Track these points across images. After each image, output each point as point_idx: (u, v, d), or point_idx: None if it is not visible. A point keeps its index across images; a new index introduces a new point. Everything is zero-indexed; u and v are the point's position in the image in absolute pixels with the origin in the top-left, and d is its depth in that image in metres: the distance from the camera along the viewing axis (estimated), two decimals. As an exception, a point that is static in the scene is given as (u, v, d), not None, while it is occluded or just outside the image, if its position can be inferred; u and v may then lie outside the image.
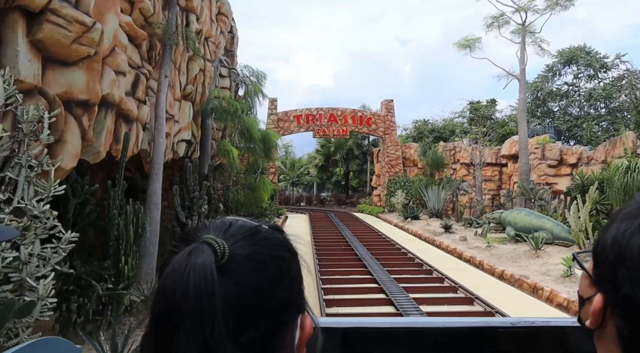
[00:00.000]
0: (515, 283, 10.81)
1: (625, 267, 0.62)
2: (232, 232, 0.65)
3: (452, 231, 19.54)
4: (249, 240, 0.65)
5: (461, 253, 14.83)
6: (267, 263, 0.63)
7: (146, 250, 9.12)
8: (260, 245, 0.65)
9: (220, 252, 0.60)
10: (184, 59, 11.38)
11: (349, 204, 41.98)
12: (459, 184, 23.35)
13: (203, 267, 0.58)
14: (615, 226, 0.66)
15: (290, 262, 0.68)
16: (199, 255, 0.59)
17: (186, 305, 0.56)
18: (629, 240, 0.63)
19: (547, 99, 39.88)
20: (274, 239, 0.68)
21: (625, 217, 0.66)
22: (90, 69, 6.05)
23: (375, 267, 12.63)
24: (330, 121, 32.41)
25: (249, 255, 0.63)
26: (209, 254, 0.60)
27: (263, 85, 15.90)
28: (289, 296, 0.65)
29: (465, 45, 23.04)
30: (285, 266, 0.66)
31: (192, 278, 0.57)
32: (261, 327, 0.61)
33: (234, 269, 0.60)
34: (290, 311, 0.65)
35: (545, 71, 40.90)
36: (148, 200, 9.31)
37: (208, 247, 0.61)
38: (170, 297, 0.58)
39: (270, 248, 0.65)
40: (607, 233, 0.67)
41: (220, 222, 0.68)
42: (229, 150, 12.36)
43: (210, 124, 13.59)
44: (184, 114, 11.85)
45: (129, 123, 8.44)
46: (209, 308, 0.56)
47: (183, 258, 0.60)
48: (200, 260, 0.59)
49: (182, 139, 11.96)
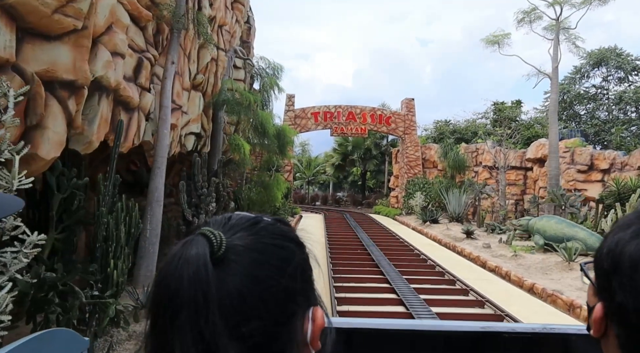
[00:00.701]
0: (548, 298, 9.84)
1: (618, 275, 0.63)
2: (231, 224, 0.65)
3: (474, 237, 18.53)
4: (248, 230, 0.64)
5: (485, 262, 13.85)
6: (267, 253, 0.62)
7: (145, 251, 8.38)
8: (259, 235, 0.64)
9: (216, 243, 0.60)
10: (194, 46, 10.62)
11: (365, 205, 41.02)
12: (482, 188, 22.26)
13: (196, 257, 0.58)
14: (611, 236, 0.68)
15: (293, 252, 0.66)
16: (193, 246, 0.59)
17: (180, 296, 0.56)
18: (622, 249, 0.64)
19: (574, 101, 38.50)
20: (274, 229, 0.67)
21: (620, 227, 0.68)
22: (78, 45, 5.29)
23: (393, 274, 11.75)
24: (348, 119, 31.51)
25: (248, 245, 0.62)
26: (203, 245, 0.59)
27: (280, 78, 15.12)
28: (293, 285, 0.63)
29: (493, 42, 21.89)
30: (287, 255, 0.64)
31: (185, 269, 0.57)
32: (265, 318, 0.59)
33: (233, 260, 0.60)
34: (299, 302, 0.64)
35: (572, 73, 39.53)
36: (150, 197, 8.57)
37: (203, 238, 0.60)
38: (166, 288, 0.58)
39: (271, 238, 0.64)
40: (605, 243, 0.69)
41: (220, 217, 0.68)
42: (240, 145, 11.58)
43: (222, 117, 12.84)
44: (194, 105, 11.10)
45: (130, 111, 7.70)
46: (203, 299, 0.56)
47: (178, 250, 0.60)
48: (194, 251, 0.58)
49: (190, 132, 11.22)
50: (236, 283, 0.58)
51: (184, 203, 10.98)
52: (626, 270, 0.62)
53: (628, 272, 0.62)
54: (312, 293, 0.67)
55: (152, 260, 8.45)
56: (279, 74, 15.10)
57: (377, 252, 15.17)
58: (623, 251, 0.64)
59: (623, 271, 0.63)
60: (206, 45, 11.03)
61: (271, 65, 15.21)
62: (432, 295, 10.07)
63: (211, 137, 13.02)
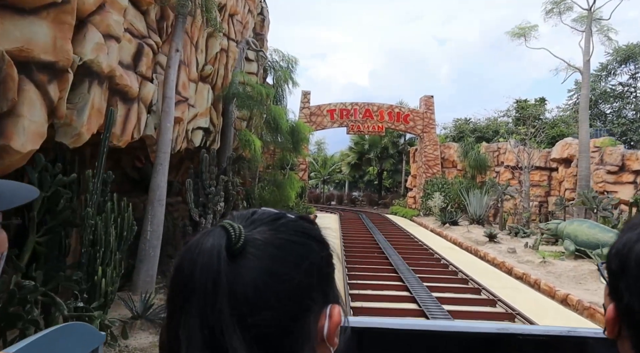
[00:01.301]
0: (585, 311, 8.97)
1: (626, 276, 0.63)
2: (253, 218, 0.66)
3: (497, 241, 17.59)
4: (269, 225, 0.65)
5: (511, 269, 12.96)
6: (284, 248, 0.63)
7: (145, 254, 7.72)
8: (279, 230, 0.65)
9: (235, 236, 0.61)
10: (202, 35, 9.94)
11: (382, 205, 40.13)
12: (504, 188, 21.26)
13: (211, 248, 0.59)
14: (621, 236, 0.68)
15: (312, 249, 0.66)
16: (211, 237, 0.61)
17: (192, 283, 0.58)
18: (629, 250, 0.64)
19: (599, 100, 37.13)
20: (295, 226, 0.67)
21: (630, 227, 0.68)
22: (59, 21, 4.61)
23: (413, 281, 10.95)
24: (365, 117, 30.67)
25: (266, 239, 0.63)
26: (220, 236, 0.61)
27: (294, 71, 14.39)
28: (309, 281, 0.63)
29: (519, 34, 20.82)
30: (304, 252, 0.65)
31: (200, 257, 0.59)
32: (276, 311, 0.60)
33: (250, 253, 0.61)
34: (314, 298, 0.64)
35: (599, 70, 38.10)
36: (151, 195, 7.91)
37: (222, 230, 0.62)
38: (180, 273, 0.60)
39: (289, 234, 0.65)
40: (615, 243, 0.68)
41: (246, 211, 0.69)
42: (250, 140, 10.87)
43: (233, 112, 12.15)
44: (202, 97, 10.42)
45: (128, 102, 7.03)
46: (212, 287, 0.57)
47: (196, 239, 0.62)
48: (211, 242, 0.60)
49: (198, 127, 10.55)
50: (252, 276, 0.59)
51: (191, 203, 10.31)
52: (632, 271, 0.62)
53: (634, 272, 0.62)
54: (330, 291, 0.67)
55: (153, 264, 7.78)
56: (294, 67, 14.39)
57: (395, 256, 14.38)
58: (630, 252, 0.64)
59: (630, 272, 0.63)
60: (215, 34, 10.34)
61: (285, 58, 14.50)
62: (456, 305, 9.27)
63: (221, 133, 12.34)
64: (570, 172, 23.18)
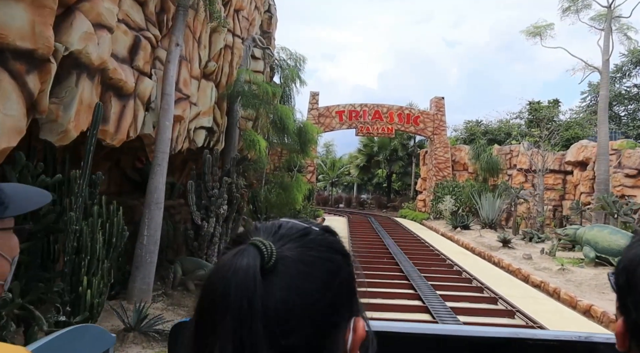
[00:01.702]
0: (611, 324, 8.35)
1: (633, 292, 0.63)
2: (281, 233, 0.65)
3: (512, 246, 16.98)
4: (298, 242, 0.64)
5: (527, 276, 12.37)
6: (315, 265, 0.62)
7: (142, 261, 7.26)
8: (308, 247, 0.64)
9: (267, 254, 0.60)
10: (205, 30, 9.48)
11: (391, 208, 39.54)
12: (518, 192, 20.60)
13: (247, 268, 0.58)
14: (628, 250, 0.68)
15: (340, 265, 0.65)
16: (244, 256, 0.60)
17: (226, 304, 0.57)
18: (637, 266, 0.63)
19: (614, 102, 36.34)
20: (322, 241, 0.66)
21: (637, 241, 0.68)
22: (38, 5, 4.15)
23: (425, 289, 10.41)
24: (374, 118, 30.12)
25: (297, 257, 0.62)
26: (254, 256, 0.60)
27: (302, 70, 13.90)
28: (339, 299, 0.63)
29: (535, 33, 20.17)
30: (334, 268, 0.64)
31: (234, 278, 0.58)
32: (308, 330, 0.59)
33: (282, 271, 0.60)
34: (342, 313, 0.63)
35: (613, 71, 37.26)
36: (148, 198, 7.45)
37: (255, 249, 0.61)
38: (213, 294, 0.59)
39: (319, 250, 0.64)
40: (623, 257, 0.69)
41: (270, 224, 0.68)
42: (255, 141, 10.38)
43: (238, 111, 11.68)
44: (205, 95, 9.96)
45: (123, 98, 6.58)
46: (248, 308, 0.56)
47: (229, 259, 0.60)
48: (245, 262, 0.59)
49: (201, 126, 10.09)
50: (283, 294, 0.58)
51: (193, 205, 9.85)
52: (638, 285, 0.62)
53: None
54: (355, 304, 0.66)
55: (150, 272, 7.31)
56: (301, 66, 13.90)
57: (406, 262, 13.83)
58: (637, 269, 0.62)
59: (637, 289, 0.62)
60: (219, 29, 9.89)
61: (293, 56, 14.01)
62: (472, 316, 8.74)
63: (226, 133, 11.88)
64: (586, 175, 22.47)
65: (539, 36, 20.06)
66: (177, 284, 8.88)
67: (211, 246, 10.04)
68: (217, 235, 10.09)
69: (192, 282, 8.81)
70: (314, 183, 30.16)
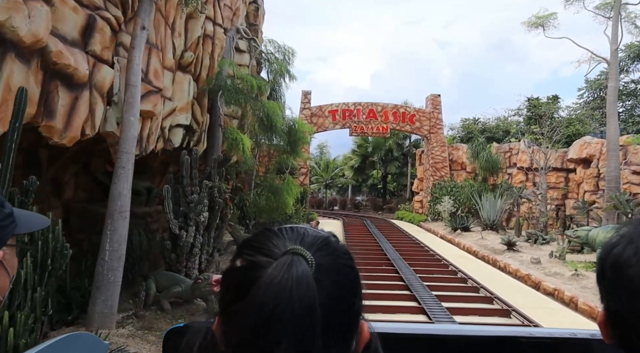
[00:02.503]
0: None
1: (604, 279, 0.65)
2: (308, 241, 0.65)
3: (517, 249, 16.01)
4: (325, 250, 0.65)
5: (538, 283, 11.41)
6: (344, 273, 0.64)
7: (103, 280, 6.20)
8: (335, 255, 0.65)
9: (310, 264, 0.60)
10: (180, 15, 8.45)
11: (387, 210, 38.58)
12: (520, 192, 19.66)
13: (302, 276, 0.58)
14: (605, 243, 0.69)
15: (357, 271, 0.67)
16: (295, 266, 0.59)
17: (289, 319, 0.56)
18: (608, 254, 0.65)
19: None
20: (341, 248, 0.67)
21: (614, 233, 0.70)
22: None
23: (429, 301, 9.42)
24: (369, 117, 29.13)
25: (329, 265, 0.63)
26: (305, 266, 0.60)
27: (291, 63, 12.89)
28: (360, 303, 0.65)
29: (537, 24, 19.23)
30: (355, 275, 0.66)
31: (295, 291, 0.57)
32: (340, 334, 0.61)
33: (319, 280, 0.60)
34: (359, 318, 0.66)
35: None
36: (110, 206, 6.39)
37: (303, 259, 0.61)
38: (271, 310, 0.57)
39: (344, 259, 0.65)
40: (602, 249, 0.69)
41: (292, 231, 0.68)
42: (238, 140, 9.34)
43: (221, 108, 10.64)
44: (181, 90, 8.93)
45: (74, 88, 5.54)
46: (310, 321, 0.57)
47: (278, 272, 0.59)
48: (300, 270, 0.59)
49: (177, 124, 9.05)
50: (323, 303, 0.58)
51: (170, 213, 8.79)
52: (608, 273, 0.64)
53: (609, 275, 0.64)
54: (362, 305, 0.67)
55: (113, 292, 6.25)
56: (290, 59, 12.89)
57: (406, 269, 12.83)
58: (607, 256, 0.65)
59: (606, 275, 0.64)
60: (196, 16, 8.86)
61: (281, 49, 12.99)
62: (485, 333, 7.72)
63: (208, 132, 10.84)
64: (590, 173, 21.61)
65: (541, 27, 19.16)
66: (151, 303, 7.83)
67: (191, 258, 9.00)
68: (197, 246, 9.04)
69: (167, 301, 7.76)
70: (307, 186, 29.13)
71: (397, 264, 13.48)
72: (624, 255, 0.62)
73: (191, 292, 7.69)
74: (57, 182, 8.78)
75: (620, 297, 0.61)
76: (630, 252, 0.62)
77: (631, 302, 0.60)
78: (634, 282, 0.60)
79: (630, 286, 0.60)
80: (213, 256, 9.73)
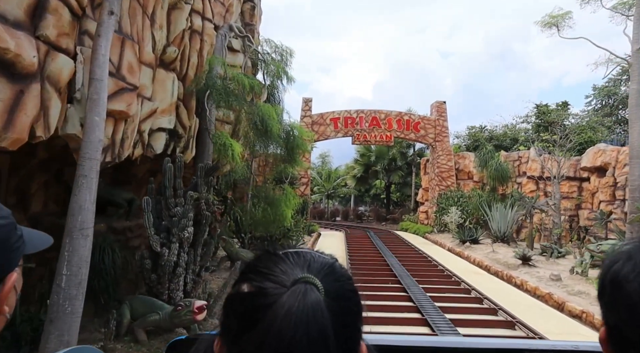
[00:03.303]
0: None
1: (604, 296, 0.67)
2: (316, 268, 0.65)
3: (533, 264, 14.91)
4: (332, 276, 0.64)
5: (562, 304, 10.32)
6: (350, 299, 0.63)
7: (59, 311, 5.16)
8: (341, 281, 0.64)
9: (322, 292, 0.60)
10: (161, 5, 7.48)
11: (390, 221, 37.48)
12: (534, 202, 18.58)
13: (319, 307, 0.58)
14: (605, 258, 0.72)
15: (359, 295, 0.66)
16: (311, 295, 0.60)
17: (306, 347, 0.57)
18: (607, 271, 0.67)
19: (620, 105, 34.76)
20: (345, 273, 0.67)
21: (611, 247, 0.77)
22: None
23: (444, 327, 8.38)
24: (372, 125, 28.15)
25: (336, 291, 0.62)
26: (317, 294, 0.60)
27: (289, 65, 11.93)
28: (361, 326, 0.65)
29: (551, 24, 18.27)
30: (358, 299, 0.65)
31: (312, 319, 0.58)
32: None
33: (329, 306, 0.60)
34: (360, 340, 0.65)
35: (618, 74, 35.83)
36: (69, 222, 5.35)
37: (314, 288, 0.61)
38: (290, 339, 0.57)
39: (348, 284, 0.65)
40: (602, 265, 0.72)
41: (298, 257, 0.67)
42: (227, 145, 8.32)
43: (212, 111, 9.65)
44: (163, 89, 7.94)
45: (19, 80, 4.54)
46: (325, 347, 0.57)
47: (299, 301, 0.59)
48: (313, 298, 0.59)
49: (159, 127, 8.05)
50: (334, 329, 0.58)
51: (150, 228, 7.75)
52: (607, 290, 0.65)
53: (608, 291, 0.65)
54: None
55: (71, 325, 5.20)
56: (288, 60, 11.91)
57: (414, 287, 11.76)
58: (607, 273, 0.66)
59: (606, 292, 0.66)
60: (180, 6, 7.89)
61: (278, 49, 12.02)
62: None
63: (197, 139, 9.85)
64: (606, 182, 20.52)
65: (555, 27, 18.20)
66: (124, 333, 6.77)
67: (174, 278, 7.95)
68: (181, 265, 8.00)
69: (143, 331, 6.70)
70: (308, 196, 28.08)
71: (404, 281, 12.41)
72: (622, 271, 0.63)
73: (170, 321, 6.64)
74: (22, 193, 7.77)
75: (618, 312, 0.62)
76: (628, 268, 0.63)
77: (629, 316, 0.60)
78: (632, 297, 0.60)
79: (628, 301, 0.60)
80: (200, 276, 8.66)
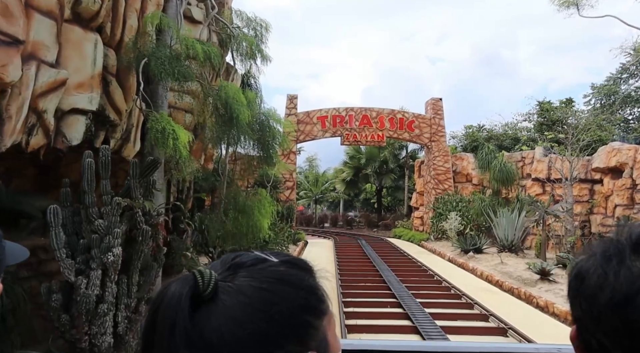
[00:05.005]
0: None
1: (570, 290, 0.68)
2: (235, 262, 0.65)
3: (553, 279, 12.79)
4: (246, 271, 0.63)
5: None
6: (252, 296, 0.61)
7: None
8: (252, 277, 0.63)
9: (205, 282, 0.60)
10: None
11: (382, 227, 35.36)
12: (547, 207, 16.53)
13: (172, 295, 0.58)
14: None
15: (282, 296, 0.62)
16: (176, 284, 0.60)
17: (154, 330, 0.58)
18: (573, 268, 0.68)
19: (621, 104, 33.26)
20: (272, 272, 0.64)
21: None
22: None
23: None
24: (362, 124, 25.97)
25: (238, 286, 0.61)
26: (186, 283, 0.59)
27: (264, 41, 9.73)
28: (277, 330, 0.60)
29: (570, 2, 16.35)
30: (273, 299, 0.62)
31: (162, 305, 0.58)
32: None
33: (222, 300, 0.59)
34: (284, 347, 0.60)
35: (619, 72, 34.39)
36: None
37: (191, 277, 0.60)
38: (146, 322, 0.59)
39: (261, 281, 0.63)
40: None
41: (232, 255, 0.68)
42: (167, 131, 6.05)
43: (159, 93, 7.39)
44: (79, 55, 5.68)
45: None
46: (169, 334, 0.56)
47: (163, 287, 0.61)
48: (173, 289, 0.59)
49: (74, 108, 5.77)
50: (218, 323, 0.58)
51: (59, 250, 5.47)
52: (571, 284, 0.67)
53: (572, 285, 0.67)
54: (310, 339, 0.63)
55: None
56: (264, 36, 9.70)
57: (420, 312, 9.57)
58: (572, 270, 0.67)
59: (570, 286, 0.67)
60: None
61: (252, 23, 9.80)
62: None
63: (144, 128, 7.57)
64: (622, 184, 18.55)
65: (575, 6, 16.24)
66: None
67: (96, 319, 5.65)
68: (107, 300, 5.72)
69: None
70: (293, 201, 25.81)
71: (406, 304, 10.23)
72: (584, 266, 0.65)
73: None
74: None
75: (580, 305, 0.64)
76: (590, 263, 0.65)
77: (587, 306, 0.62)
78: (590, 288, 0.63)
79: (587, 292, 0.63)
80: (139, 311, 6.37)
